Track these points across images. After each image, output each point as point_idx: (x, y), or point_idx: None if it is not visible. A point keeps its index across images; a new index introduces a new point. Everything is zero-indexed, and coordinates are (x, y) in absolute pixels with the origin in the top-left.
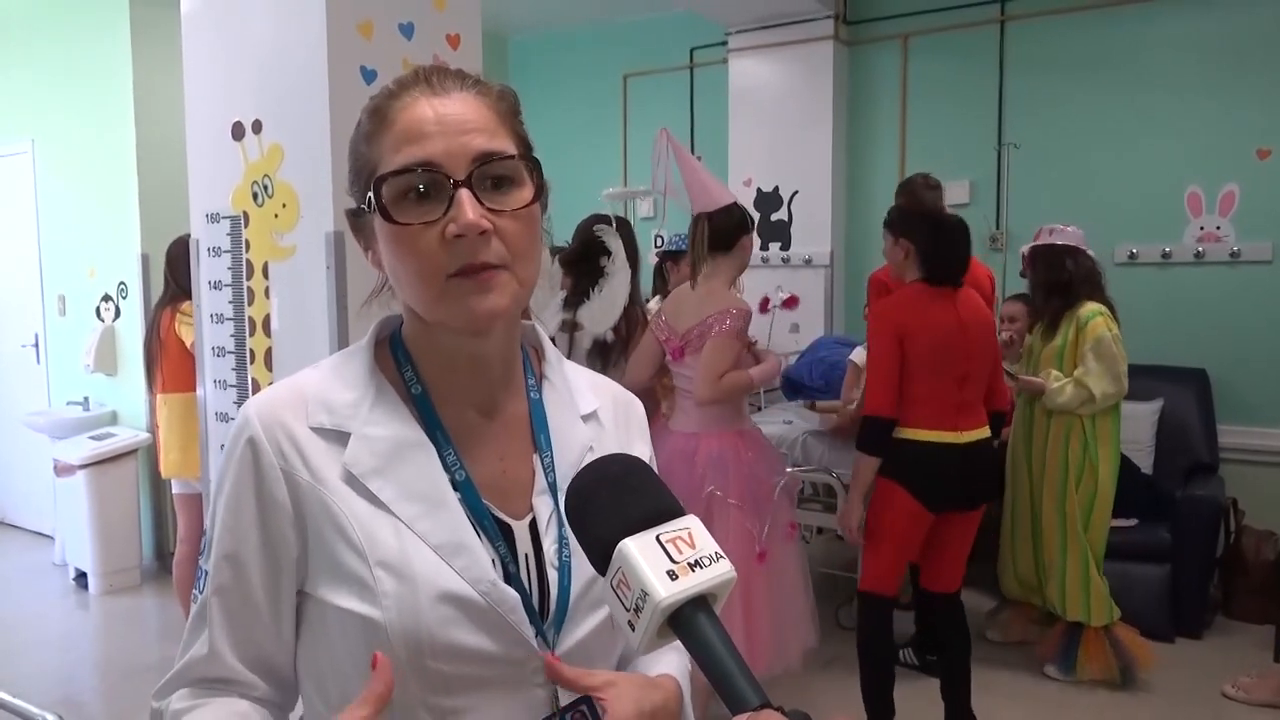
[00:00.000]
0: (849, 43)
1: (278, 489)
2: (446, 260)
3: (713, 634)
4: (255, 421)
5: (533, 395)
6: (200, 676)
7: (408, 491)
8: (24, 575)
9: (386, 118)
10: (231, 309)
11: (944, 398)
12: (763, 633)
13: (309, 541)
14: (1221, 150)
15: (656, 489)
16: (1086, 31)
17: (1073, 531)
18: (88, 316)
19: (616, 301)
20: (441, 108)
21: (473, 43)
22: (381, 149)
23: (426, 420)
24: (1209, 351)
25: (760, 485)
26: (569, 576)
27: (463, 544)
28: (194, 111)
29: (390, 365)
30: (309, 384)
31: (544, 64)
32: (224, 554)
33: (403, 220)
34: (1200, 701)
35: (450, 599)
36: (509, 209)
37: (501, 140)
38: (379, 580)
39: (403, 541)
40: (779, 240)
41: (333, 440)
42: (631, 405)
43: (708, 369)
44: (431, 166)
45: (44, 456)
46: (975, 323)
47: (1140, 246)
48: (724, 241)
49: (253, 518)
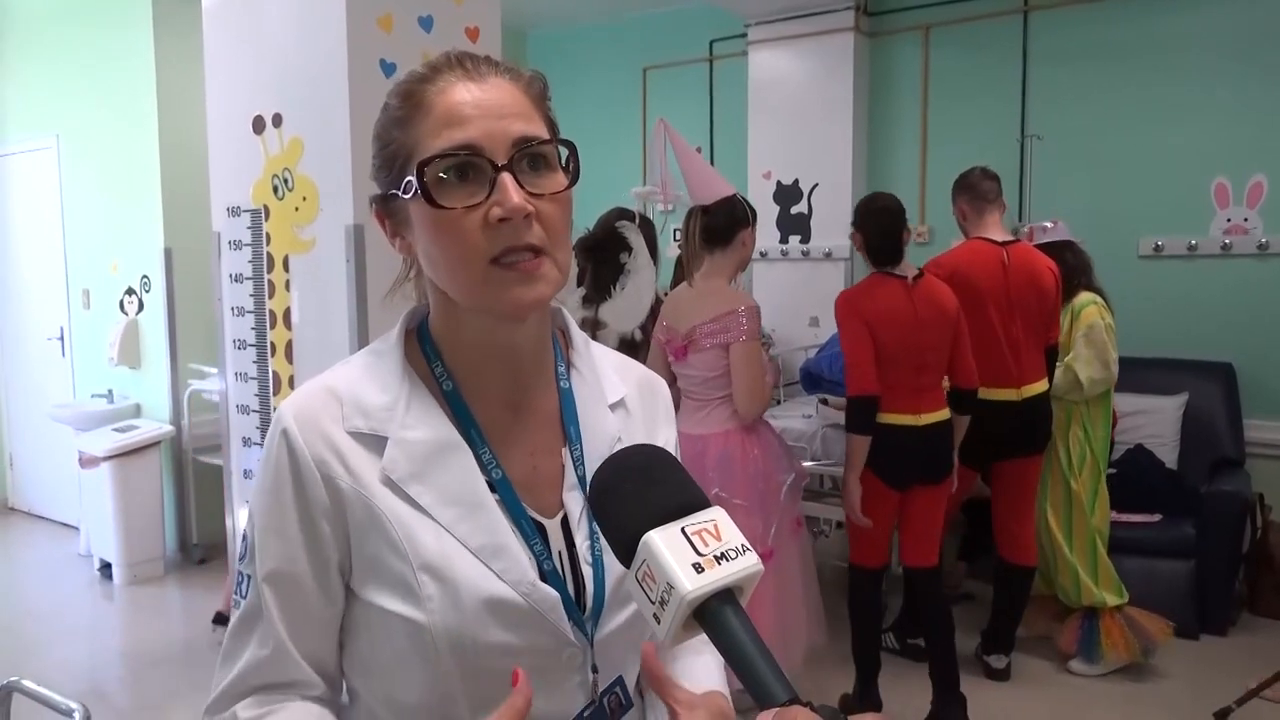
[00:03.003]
0: (870, 34)
1: (317, 490)
2: (488, 245)
3: (739, 627)
4: (292, 424)
5: (563, 385)
6: (262, 682)
7: (446, 495)
8: (49, 566)
9: (423, 102)
10: (252, 302)
11: (903, 384)
12: (766, 632)
13: (352, 542)
14: (1249, 141)
15: (681, 480)
16: (1110, 21)
17: (1079, 515)
18: (111, 310)
19: (643, 299)
20: (479, 92)
21: (492, 36)
22: (418, 133)
23: (460, 418)
24: (1235, 345)
25: (768, 483)
26: (603, 571)
27: (502, 546)
28: (215, 106)
29: (420, 360)
30: (341, 384)
31: (563, 58)
32: (272, 556)
33: (446, 204)
34: (1227, 698)
35: (492, 602)
36: (547, 192)
37: (536, 125)
38: (423, 585)
39: (444, 545)
40: (799, 234)
41: (369, 444)
42: (657, 387)
43: (749, 381)
44: (474, 150)
45: (69, 449)
46: (932, 316)
47: (1166, 239)
48: (721, 236)
49: (296, 518)
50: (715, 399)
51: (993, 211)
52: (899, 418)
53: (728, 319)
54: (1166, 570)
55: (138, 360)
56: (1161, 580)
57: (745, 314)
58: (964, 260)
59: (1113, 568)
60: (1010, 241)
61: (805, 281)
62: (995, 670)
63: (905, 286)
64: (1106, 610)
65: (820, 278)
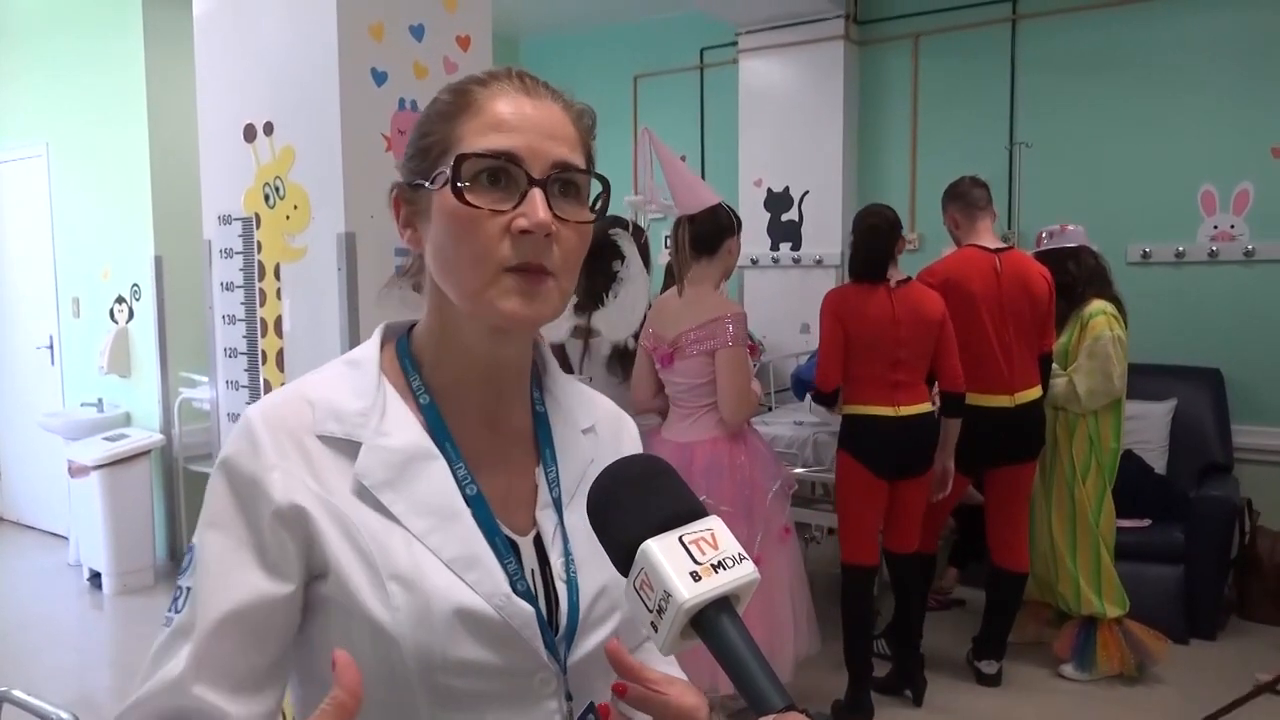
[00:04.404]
0: (860, 42)
1: (277, 491)
2: (506, 253)
3: (736, 636)
4: (260, 426)
5: (538, 408)
6: (167, 706)
7: (420, 505)
8: (39, 575)
9: (474, 102)
10: (243, 310)
11: (879, 378)
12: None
13: (314, 551)
14: (1235, 149)
15: (678, 490)
16: (1098, 30)
17: (1083, 524)
18: (101, 318)
19: (637, 308)
20: (531, 108)
21: (483, 44)
22: (463, 130)
23: (436, 432)
24: (1223, 351)
25: (754, 490)
26: (577, 591)
27: (476, 558)
28: (206, 114)
29: (397, 373)
30: (314, 390)
31: (554, 65)
32: (221, 569)
33: (475, 202)
34: (1216, 703)
35: (464, 613)
36: (573, 220)
37: (578, 155)
38: (392, 594)
39: (415, 555)
40: (790, 241)
41: (342, 450)
42: (623, 421)
43: (735, 387)
44: (514, 159)
45: (58, 457)
46: (910, 318)
47: (1154, 246)
48: (708, 245)
49: (254, 528)
50: (702, 406)
51: (984, 219)
52: (876, 409)
53: (714, 326)
54: (1156, 575)
55: (128, 369)
56: (1151, 585)
57: (732, 320)
58: (957, 268)
59: (1117, 578)
60: (1002, 249)
61: (796, 288)
62: (986, 676)
63: (886, 290)
64: (1105, 620)
65: (811, 285)
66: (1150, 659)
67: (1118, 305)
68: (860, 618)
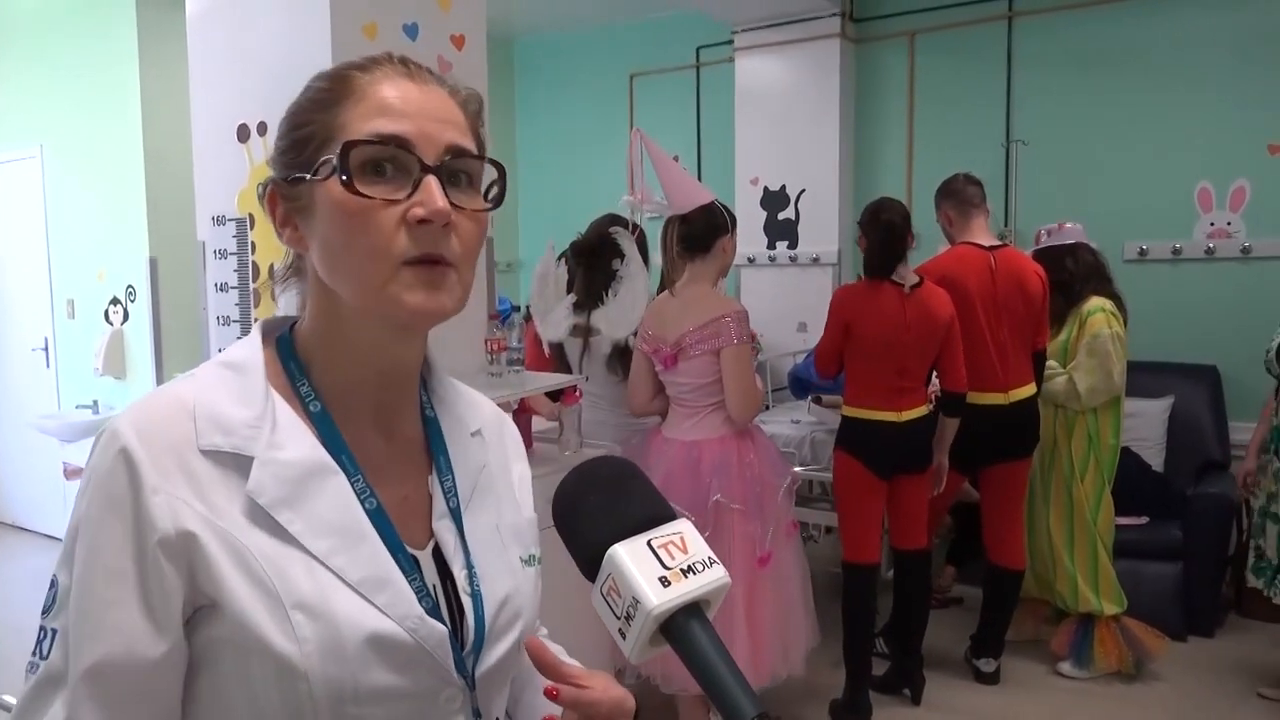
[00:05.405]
0: (856, 40)
1: (163, 523)
2: (404, 245)
3: (706, 642)
4: (134, 442)
5: (428, 413)
6: None
7: (320, 524)
8: (33, 578)
9: (356, 88)
10: (238, 311)
11: (885, 384)
12: (768, 638)
13: (201, 579)
14: (1232, 146)
15: (646, 492)
16: (1094, 27)
17: (1080, 522)
18: (96, 320)
19: (637, 305)
20: (418, 92)
21: (478, 44)
22: (346, 117)
23: (330, 442)
24: (1220, 348)
25: (764, 488)
26: (482, 604)
27: (385, 579)
28: (199, 114)
29: (281, 377)
30: (191, 398)
31: (550, 65)
32: (94, 609)
33: (367, 192)
34: (1214, 700)
35: (376, 640)
36: (468, 208)
37: (469, 141)
38: (297, 625)
39: (318, 580)
40: (786, 239)
41: (229, 466)
42: (505, 423)
43: (741, 385)
44: (405, 144)
45: (53, 460)
46: (920, 324)
47: (1150, 243)
48: (700, 244)
49: (131, 559)
50: (707, 406)
51: (978, 216)
52: (882, 414)
53: (716, 325)
54: (1153, 573)
55: (123, 370)
56: (1148, 582)
57: (733, 319)
58: (952, 265)
59: (1115, 576)
60: (997, 246)
61: (793, 287)
62: (984, 674)
63: (900, 294)
64: (1103, 618)
65: (807, 283)
66: (1148, 656)
67: (1117, 302)
68: (862, 617)
